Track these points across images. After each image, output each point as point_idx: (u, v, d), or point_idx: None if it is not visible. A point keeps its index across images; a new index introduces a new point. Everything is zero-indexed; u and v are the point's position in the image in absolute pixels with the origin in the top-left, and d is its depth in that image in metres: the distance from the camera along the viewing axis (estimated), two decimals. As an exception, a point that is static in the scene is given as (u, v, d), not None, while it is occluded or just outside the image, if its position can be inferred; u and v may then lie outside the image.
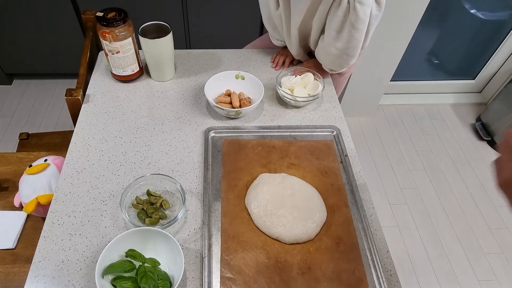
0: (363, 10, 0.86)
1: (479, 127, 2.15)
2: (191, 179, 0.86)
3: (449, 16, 2.01)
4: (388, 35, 1.72)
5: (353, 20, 0.88)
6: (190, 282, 0.69)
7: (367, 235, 0.77)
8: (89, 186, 0.83)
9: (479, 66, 2.27)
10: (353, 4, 0.85)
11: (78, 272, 0.70)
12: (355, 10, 0.86)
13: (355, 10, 0.86)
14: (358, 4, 0.85)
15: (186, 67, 1.15)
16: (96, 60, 1.15)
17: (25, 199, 0.95)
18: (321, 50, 1.02)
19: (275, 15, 1.04)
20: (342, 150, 0.93)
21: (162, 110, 1.01)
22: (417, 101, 2.32)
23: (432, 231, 1.73)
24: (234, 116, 0.98)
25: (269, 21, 1.10)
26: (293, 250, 0.74)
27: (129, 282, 0.65)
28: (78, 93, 0.98)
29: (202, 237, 0.76)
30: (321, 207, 0.80)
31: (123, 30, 0.96)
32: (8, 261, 0.94)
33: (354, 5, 0.85)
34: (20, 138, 1.34)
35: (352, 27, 0.89)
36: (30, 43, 2.01)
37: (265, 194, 0.79)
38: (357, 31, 0.90)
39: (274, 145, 0.93)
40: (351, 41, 0.93)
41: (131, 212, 0.78)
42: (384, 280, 0.70)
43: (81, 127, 0.95)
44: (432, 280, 1.58)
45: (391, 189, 1.88)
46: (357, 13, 0.86)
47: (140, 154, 0.90)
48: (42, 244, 0.73)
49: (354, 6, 0.85)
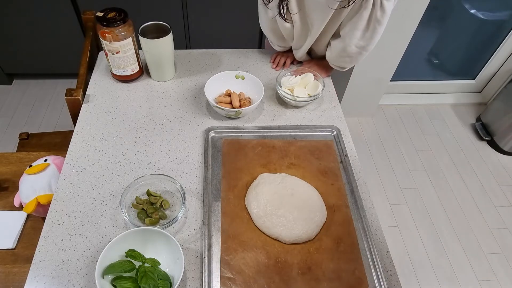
0: (389, 5, 0.88)
1: (479, 127, 2.15)
2: (191, 179, 0.86)
3: (449, 16, 2.01)
4: (388, 35, 1.72)
5: (379, 17, 0.90)
6: (190, 282, 0.69)
7: (367, 235, 0.77)
8: (89, 186, 0.83)
9: (479, 66, 2.27)
10: (380, 2, 0.87)
11: (78, 272, 0.70)
12: (382, 6, 0.88)
13: (382, 7, 0.88)
14: (386, 1, 0.87)
15: (186, 67, 1.15)
16: (96, 60, 1.15)
17: (25, 199, 0.95)
18: (336, 50, 1.03)
19: (284, 28, 1.02)
20: (342, 150, 0.93)
21: (162, 110, 1.01)
22: (417, 101, 2.32)
23: (432, 231, 1.73)
24: (234, 116, 0.98)
25: (273, 32, 1.08)
26: (293, 250, 0.74)
27: (129, 282, 0.65)
28: (78, 93, 0.98)
29: (202, 237, 0.76)
30: (321, 207, 0.80)
31: (123, 30, 0.96)
32: (8, 261, 0.94)
33: (381, 2, 0.87)
34: (20, 138, 1.34)
35: (378, 23, 0.92)
36: (30, 43, 2.01)
37: (265, 194, 0.79)
38: (381, 26, 0.93)
39: (274, 145, 0.93)
40: (374, 37, 0.95)
41: (131, 212, 0.78)
42: (384, 280, 0.70)
43: (81, 127, 0.95)
44: (432, 280, 1.58)
45: (391, 189, 1.88)
46: (384, 9, 0.89)
47: (140, 154, 0.90)
48: (42, 244, 0.73)
49: (381, 3, 0.87)
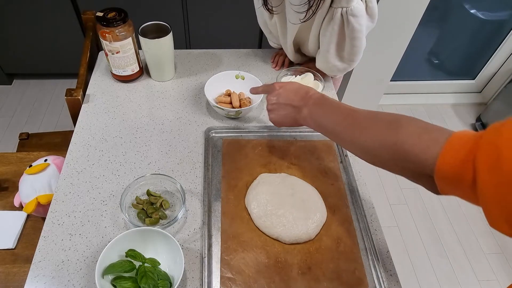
0: (357, 21, 0.87)
1: (479, 127, 2.15)
2: (191, 179, 0.86)
3: (449, 16, 2.01)
4: (388, 35, 1.72)
5: (350, 32, 0.89)
6: (190, 282, 0.69)
7: (367, 235, 0.77)
8: (89, 186, 0.83)
9: (479, 66, 2.27)
10: (346, 17, 0.86)
11: (78, 272, 0.70)
12: (349, 23, 0.87)
13: (349, 23, 0.87)
14: (352, 17, 0.86)
15: (186, 67, 1.15)
16: (96, 60, 1.15)
17: (25, 199, 0.95)
18: (322, 60, 1.03)
19: (270, 24, 1.05)
20: (342, 150, 0.93)
21: (162, 110, 1.01)
22: (417, 101, 2.32)
23: (432, 231, 1.73)
24: (234, 116, 0.98)
25: (265, 27, 1.11)
26: (293, 250, 0.74)
27: (129, 282, 0.65)
28: (78, 93, 0.98)
29: (202, 237, 0.76)
30: (321, 207, 0.80)
31: (123, 30, 0.96)
32: (8, 261, 0.94)
33: (347, 18, 0.86)
34: (20, 138, 1.34)
35: (351, 38, 0.91)
36: (30, 43, 2.01)
37: (265, 194, 0.79)
38: (356, 40, 0.92)
39: (274, 145, 0.93)
40: (353, 49, 0.94)
41: (131, 212, 0.78)
42: (384, 280, 0.70)
43: (81, 127, 0.95)
44: (432, 280, 1.58)
45: (391, 189, 1.88)
46: (352, 25, 0.87)
47: (140, 154, 0.90)
48: (42, 244, 0.73)
49: (347, 19, 0.86)
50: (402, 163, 0.55)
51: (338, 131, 0.66)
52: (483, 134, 0.44)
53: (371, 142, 0.59)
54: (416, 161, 0.51)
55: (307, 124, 0.74)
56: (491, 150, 0.41)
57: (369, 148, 0.60)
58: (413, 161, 0.52)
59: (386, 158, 0.57)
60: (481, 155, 0.42)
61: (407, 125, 0.56)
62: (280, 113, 0.78)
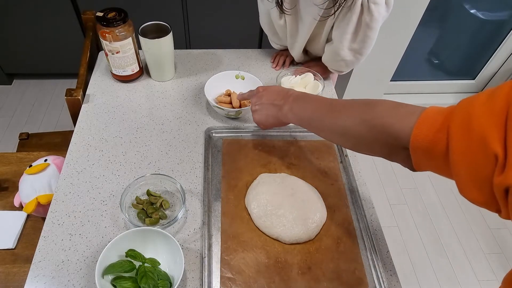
0: (377, 9, 0.87)
1: (479, 127, 2.15)
2: (191, 179, 0.86)
3: (449, 16, 2.01)
4: (388, 35, 1.72)
5: (368, 21, 0.89)
6: (190, 282, 0.69)
7: (367, 235, 0.77)
8: (89, 186, 0.83)
9: (479, 66, 2.27)
10: (367, 5, 0.86)
11: (78, 272, 0.70)
12: (370, 10, 0.87)
13: (369, 11, 0.87)
14: (373, 5, 0.86)
15: (186, 67, 1.15)
16: (96, 60, 1.15)
17: (25, 199, 0.95)
18: (330, 53, 1.03)
19: (278, 25, 1.04)
20: (342, 150, 0.93)
21: (162, 110, 1.01)
22: (417, 101, 2.32)
23: (432, 231, 1.73)
24: (234, 116, 0.98)
25: (269, 28, 1.10)
26: (293, 250, 0.74)
27: (129, 282, 0.65)
28: (78, 93, 0.98)
29: (202, 237, 0.76)
30: (321, 207, 0.80)
31: (123, 30, 0.96)
32: (8, 261, 0.94)
33: (369, 6, 0.86)
34: (20, 138, 1.34)
35: (368, 27, 0.91)
36: (30, 43, 2.01)
37: (265, 194, 0.79)
38: (371, 31, 0.92)
39: (274, 145, 0.93)
40: (366, 41, 0.94)
41: (131, 212, 0.78)
42: (384, 280, 0.70)
43: (81, 127, 0.95)
44: (432, 280, 1.58)
45: (391, 189, 1.88)
46: (372, 14, 0.87)
47: (140, 154, 0.90)
48: (42, 244, 0.73)
49: (368, 7, 0.87)
50: (380, 136, 0.57)
51: (318, 117, 0.69)
52: (457, 105, 0.46)
53: (350, 121, 0.61)
54: (393, 132, 0.54)
55: (288, 120, 0.77)
56: (463, 117, 0.43)
57: (348, 128, 0.62)
58: (390, 133, 0.54)
59: (365, 135, 0.59)
60: (454, 123, 0.44)
61: (383, 102, 0.59)
62: (263, 113, 0.81)
